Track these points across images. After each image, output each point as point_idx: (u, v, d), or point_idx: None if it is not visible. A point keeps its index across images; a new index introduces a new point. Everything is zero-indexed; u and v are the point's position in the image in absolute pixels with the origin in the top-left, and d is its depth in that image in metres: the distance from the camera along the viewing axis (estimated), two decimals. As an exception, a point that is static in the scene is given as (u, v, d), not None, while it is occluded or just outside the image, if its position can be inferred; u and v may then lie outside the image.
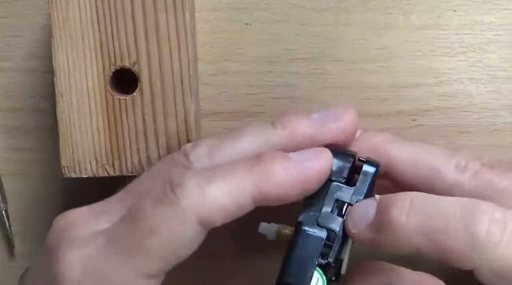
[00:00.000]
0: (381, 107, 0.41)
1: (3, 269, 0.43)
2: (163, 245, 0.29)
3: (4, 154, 0.43)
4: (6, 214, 0.43)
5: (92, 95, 0.36)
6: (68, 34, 0.36)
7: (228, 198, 0.29)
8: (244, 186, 0.29)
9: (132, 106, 0.36)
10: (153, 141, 0.36)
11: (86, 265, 0.29)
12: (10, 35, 0.42)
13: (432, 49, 0.41)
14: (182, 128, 0.36)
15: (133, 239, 0.29)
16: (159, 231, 0.29)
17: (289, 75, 0.41)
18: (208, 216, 0.29)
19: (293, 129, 0.32)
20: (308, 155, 0.31)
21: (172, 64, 0.36)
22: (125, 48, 0.36)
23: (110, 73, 0.36)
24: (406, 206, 0.30)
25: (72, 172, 0.37)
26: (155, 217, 0.29)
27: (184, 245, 0.29)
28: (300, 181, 0.30)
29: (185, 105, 0.36)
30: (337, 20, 0.41)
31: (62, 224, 0.32)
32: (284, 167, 0.30)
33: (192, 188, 0.29)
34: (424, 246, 0.29)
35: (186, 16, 0.35)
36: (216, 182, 0.29)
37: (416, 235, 0.29)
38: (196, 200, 0.29)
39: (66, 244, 0.30)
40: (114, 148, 0.36)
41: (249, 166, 0.30)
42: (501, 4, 0.41)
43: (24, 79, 0.42)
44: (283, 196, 0.30)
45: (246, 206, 0.30)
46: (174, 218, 0.29)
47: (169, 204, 0.29)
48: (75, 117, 0.36)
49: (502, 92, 0.41)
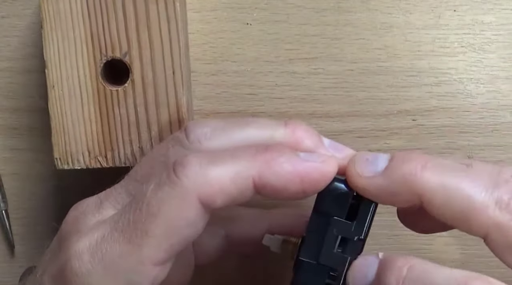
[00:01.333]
0: (381, 107, 0.41)
1: (3, 269, 0.43)
2: (167, 228, 0.29)
3: (4, 154, 0.43)
4: (6, 214, 0.43)
5: (83, 86, 0.36)
6: (59, 26, 0.36)
7: (229, 180, 0.29)
8: (247, 171, 0.29)
9: (124, 97, 0.36)
10: (145, 131, 0.36)
11: (93, 253, 0.29)
12: (10, 35, 0.42)
13: (432, 49, 0.41)
14: (174, 118, 0.36)
15: (137, 225, 0.29)
16: (162, 214, 0.29)
17: (289, 75, 0.41)
18: (209, 196, 0.29)
19: (301, 139, 0.32)
20: (315, 157, 0.31)
21: (164, 55, 0.36)
22: (116, 39, 0.36)
23: (101, 64, 0.36)
24: (402, 275, 0.29)
25: (65, 163, 0.37)
26: (156, 201, 0.29)
27: (188, 226, 0.29)
28: (302, 178, 0.30)
29: (177, 95, 0.36)
30: (337, 20, 0.41)
31: (72, 214, 0.32)
32: (289, 160, 0.30)
33: (194, 167, 0.29)
34: None
35: (176, 6, 0.35)
36: (219, 163, 0.29)
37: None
38: (198, 179, 0.29)
39: (74, 234, 0.31)
40: (106, 139, 0.36)
41: (254, 152, 0.30)
42: (501, 4, 0.41)
43: (24, 79, 0.42)
44: (282, 189, 0.30)
45: (247, 191, 0.29)
46: (175, 199, 0.29)
47: (170, 184, 0.29)
48: (67, 109, 0.36)
49: (502, 92, 0.41)
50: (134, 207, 0.30)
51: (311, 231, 0.31)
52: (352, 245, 0.31)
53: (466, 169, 0.29)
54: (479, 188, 0.28)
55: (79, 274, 0.29)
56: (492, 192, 0.28)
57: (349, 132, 0.41)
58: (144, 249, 0.29)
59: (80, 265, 0.30)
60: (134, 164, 0.35)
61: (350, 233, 0.31)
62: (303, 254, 0.31)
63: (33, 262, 0.43)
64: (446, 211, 0.29)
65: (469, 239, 0.31)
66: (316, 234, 0.31)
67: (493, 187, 0.28)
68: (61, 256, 0.31)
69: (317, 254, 0.31)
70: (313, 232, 0.31)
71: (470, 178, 0.29)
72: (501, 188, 0.28)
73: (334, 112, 0.41)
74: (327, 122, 0.41)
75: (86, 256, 0.30)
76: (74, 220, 0.32)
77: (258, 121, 0.33)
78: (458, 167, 0.29)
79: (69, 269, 0.30)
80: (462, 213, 0.28)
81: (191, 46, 0.41)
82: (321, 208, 0.31)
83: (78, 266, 0.30)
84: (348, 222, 0.31)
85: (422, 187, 0.29)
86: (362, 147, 0.41)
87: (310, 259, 0.31)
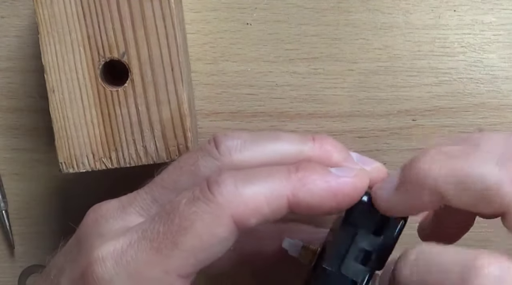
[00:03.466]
0: (381, 107, 0.41)
1: (3, 269, 0.43)
2: (197, 243, 0.29)
3: (4, 154, 0.43)
4: (6, 214, 0.43)
5: (83, 89, 0.36)
6: (55, 29, 0.36)
7: (264, 200, 0.29)
8: (281, 190, 0.29)
9: (125, 97, 0.36)
10: (148, 130, 0.36)
11: (118, 260, 0.29)
12: (10, 35, 0.42)
13: (432, 49, 0.41)
14: (176, 115, 0.36)
15: (167, 236, 0.29)
16: (194, 229, 0.29)
17: (289, 75, 0.41)
18: (243, 216, 0.29)
19: (330, 153, 0.32)
20: (347, 172, 0.31)
21: (161, 52, 0.36)
22: (113, 40, 0.36)
23: (100, 65, 0.36)
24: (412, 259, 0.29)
25: (70, 167, 0.37)
26: (189, 214, 0.29)
27: (217, 244, 0.29)
28: (336, 194, 0.30)
29: (177, 92, 0.36)
30: (337, 20, 0.41)
31: (92, 217, 0.32)
32: (322, 177, 0.30)
33: (229, 186, 0.29)
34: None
35: (171, 2, 0.35)
36: (254, 182, 0.29)
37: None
38: (233, 199, 0.29)
39: (96, 238, 0.30)
40: (109, 140, 0.36)
41: (287, 171, 0.30)
42: (501, 4, 0.41)
43: (24, 79, 0.42)
44: (315, 207, 0.30)
45: (280, 210, 0.30)
46: (209, 215, 0.29)
47: (205, 200, 0.29)
48: (68, 113, 0.36)
49: (502, 92, 0.41)
50: (165, 218, 0.29)
51: (336, 240, 0.31)
52: (375, 259, 0.31)
53: (473, 150, 0.29)
54: (490, 166, 0.28)
55: (101, 280, 0.29)
56: (506, 166, 0.28)
57: (349, 132, 0.41)
58: (172, 260, 0.29)
59: (103, 270, 0.29)
60: (138, 164, 0.34)
61: (375, 247, 0.31)
62: (326, 262, 0.31)
63: (33, 262, 0.43)
64: (464, 198, 0.28)
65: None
66: (341, 244, 0.31)
67: (506, 160, 0.28)
68: (81, 259, 0.30)
69: (339, 263, 0.31)
70: (339, 242, 0.31)
71: (478, 159, 0.28)
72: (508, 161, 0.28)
73: (334, 112, 0.41)
74: (327, 122, 0.41)
75: (109, 262, 0.29)
76: (94, 222, 0.32)
77: (287, 136, 0.33)
78: (466, 149, 0.29)
79: (90, 274, 0.29)
80: (479, 196, 0.28)
81: (191, 46, 0.41)
82: (349, 219, 0.31)
83: (101, 271, 0.29)
84: (374, 236, 0.31)
85: (435, 183, 0.28)
86: (362, 147, 0.41)
87: (332, 267, 0.31)
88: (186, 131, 0.36)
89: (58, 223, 0.43)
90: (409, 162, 0.30)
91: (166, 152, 0.36)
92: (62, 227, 0.43)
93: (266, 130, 0.41)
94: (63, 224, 0.43)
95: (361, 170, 0.31)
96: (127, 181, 0.42)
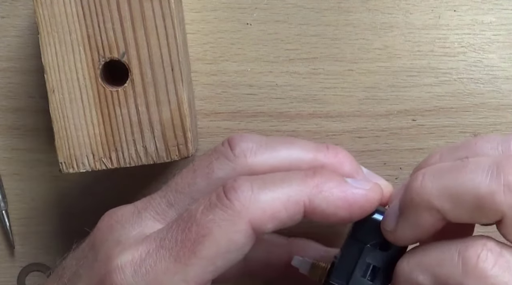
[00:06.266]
0: (381, 107, 0.41)
1: (3, 269, 0.43)
2: (216, 250, 0.29)
3: (4, 154, 0.43)
4: (6, 214, 0.43)
5: (83, 89, 0.36)
6: (55, 30, 0.36)
7: (281, 205, 0.29)
8: (298, 195, 0.29)
9: (125, 97, 0.36)
10: (148, 130, 0.36)
11: (136, 269, 0.29)
12: (10, 35, 0.42)
13: (432, 49, 0.41)
14: (176, 115, 0.36)
15: (185, 244, 0.29)
16: (212, 236, 0.29)
17: (289, 75, 0.41)
18: (261, 221, 0.29)
19: (343, 163, 0.32)
20: (363, 184, 0.31)
21: (161, 52, 0.36)
22: (113, 40, 0.36)
23: (100, 65, 0.36)
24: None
25: (70, 167, 0.37)
26: (207, 222, 0.29)
27: (234, 250, 0.29)
28: (351, 204, 0.30)
29: (177, 92, 0.36)
30: (337, 20, 0.41)
31: (107, 222, 0.32)
32: (339, 186, 0.30)
33: (246, 191, 0.29)
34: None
35: (171, 2, 0.35)
36: (271, 187, 0.29)
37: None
38: (250, 204, 0.29)
39: (114, 245, 0.30)
40: (110, 140, 0.36)
41: (304, 176, 0.30)
42: (501, 4, 0.41)
43: (24, 79, 0.42)
44: (329, 215, 0.30)
45: (296, 216, 0.30)
46: (227, 222, 0.29)
47: (222, 207, 0.29)
48: (68, 113, 0.36)
49: (502, 92, 0.41)
50: (183, 226, 0.29)
51: (344, 255, 0.31)
52: (382, 275, 0.31)
53: (463, 163, 0.29)
54: (481, 176, 0.28)
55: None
56: (497, 175, 0.27)
57: (349, 132, 0.41)
58: (190, 269, 0.29)
59: (122, 279, 0.29)
60: (138, 164, 0.34)
61: (383, 263, 0.31)
62: (333, 277, 0.31)
63: (33, 262, 0.43)
64: (460, 211, 0.28)
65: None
66: (349, 259, 0.31)
67: (496, 169, 0.28)
68: (99, 266, 0.30)
69: (347, 278, 0.31)
70: (346, 257, 0.31)
71: (469, 170, 0.28)
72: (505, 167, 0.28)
73: (334, 112, 0.41)
74: (327, 122, 0.41)
75: (129, 271, 0.29)
76: (109, 228, 0.32)
77: (302, 142, 0.33)
78: (456, 164, 0.29)
79: (109, 283, 0.29)
80: (474, 208, 0.28)
81: (191, 46, 0.41)
82: (357, 234, 0.32)
83: (120, 279, 0.29)
84: (382, 252, 0.31)
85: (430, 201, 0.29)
86: (362, 147, 0.41)
87: (340, 282, 0.31)
88: (186, 131, 0.36)
89: (58, 223, 0.43)
90: (405, 189, 0.30)
91: (166, 152, 0.36)
92: (62, 227, 0.43)
93: (266, 130, 0.41)
94: (63, 224, 0.43)
95: (375, 184, 0.31)
96: (127, 181, 0.42)
